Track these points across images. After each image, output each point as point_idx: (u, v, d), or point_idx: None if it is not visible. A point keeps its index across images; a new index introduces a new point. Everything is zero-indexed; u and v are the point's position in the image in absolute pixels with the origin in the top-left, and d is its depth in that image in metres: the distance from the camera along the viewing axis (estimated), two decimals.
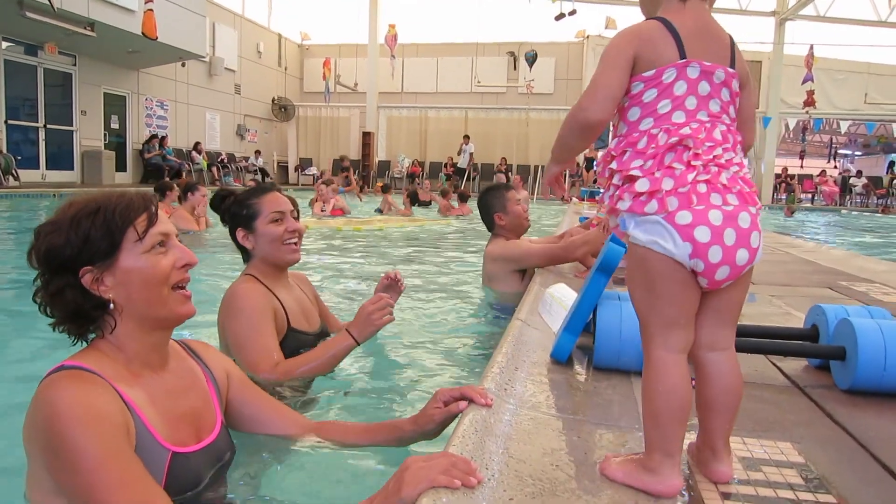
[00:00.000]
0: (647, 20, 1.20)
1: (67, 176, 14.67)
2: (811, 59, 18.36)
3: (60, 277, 1.21)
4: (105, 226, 1.21)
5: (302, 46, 24.85)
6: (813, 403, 1.76)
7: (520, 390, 1.70)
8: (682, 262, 1.13)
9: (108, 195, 1.26)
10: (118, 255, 1.22)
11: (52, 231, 1.21)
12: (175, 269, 1.27)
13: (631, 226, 1.17)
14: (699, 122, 1.15)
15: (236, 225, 2.29)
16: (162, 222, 1.27)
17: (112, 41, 13.53)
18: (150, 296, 1.24)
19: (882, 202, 20.30)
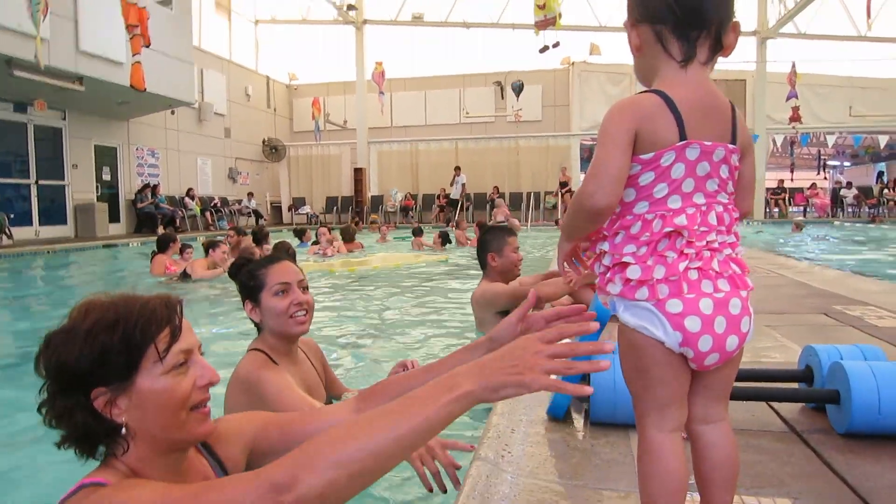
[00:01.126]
0: (646, 93, 1.14)
1: (61, 231, 14.68)
2: (794, 77, 18.60)
3: (69, 396, 1.08)
4: (124, 342, 1.08)
5: (290, 87, 25.11)
6: (810, 451, 1.75)
7: (518, 455, 1.69)
8: (672, 348, 1.13)
9: (129, 303, 1.13)
10: (135, 375, 1.09)
11: (65, 342, 1.08)
12: (196, 389, 1.14)
13: (620, 309, 1.16)
14: (695, 207, 1.12)
15: (244, 297, 2.22)
16: (185, 336, 1.15)
17: (101, 94, 13.64)
18: (167, 420, 1.12)
19: (873, 212, 20.42)
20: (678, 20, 1.13)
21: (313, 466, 0.99)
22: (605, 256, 1.18)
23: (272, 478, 0.98)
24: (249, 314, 2.20)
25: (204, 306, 5.87)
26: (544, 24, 13.15)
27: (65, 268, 10.22)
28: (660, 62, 1.16)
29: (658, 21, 1.14)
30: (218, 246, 7.49)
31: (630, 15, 1.18)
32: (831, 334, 3.19)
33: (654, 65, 1.17)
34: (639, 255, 1.12)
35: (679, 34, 1.14)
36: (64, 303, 6.88)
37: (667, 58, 1.15)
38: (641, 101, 1.13)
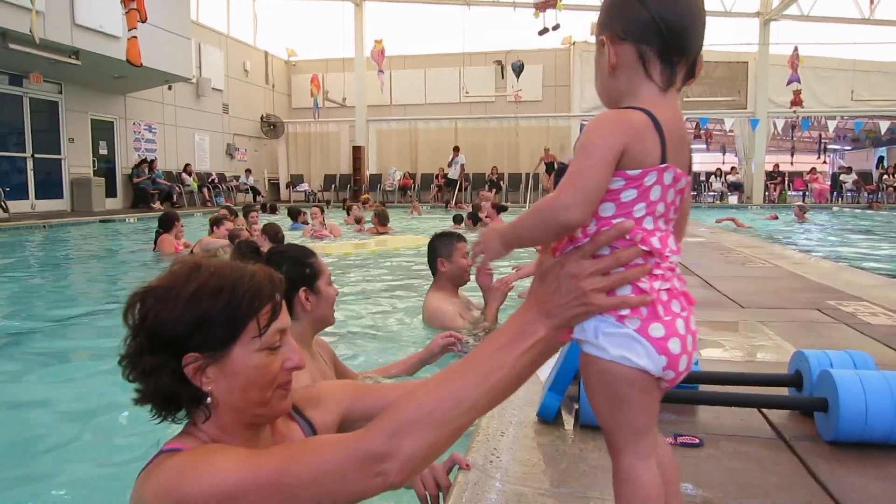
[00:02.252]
0: (634, 111, 1.09)
1: (57, 205, 14.65)
2: (796, 61, 18.46)
3: (159, 357, 1.05)
4: (227, 312, 1.05)
5: (289, 63, 24.90)
6: (797, 459, 1.77)
7: (506, 461, 1.70)
8: (653, 373, 1.11)
9: (236, 272, 1.09)
10: (232, 347, 1.07)
11: (165, 302, 1.05)
12: (283, 370, 1.13)
13: (596, 338, 1.09)
14: (662, 232, 1.11)
15: (299, 285, 2.14)
16: (283, 316, 1.13)
17: (97, 68, 13.53)
18: (253, 396, 1.10)
19: (872, 198, 20.41)
20: (665, 43, 1.09)
21: (411, 430, 0.97)
22: None
23: (368, 448, 0.96)
24: (302, 302, 2.15)
25: None
26: (544, 6, 13.01)
27: (63, 242, 10.21)
28: (637, 84, 1.11)
29: (644, 41, 1.09)
30: (223, 223, 7.50)
31: (607, 30, 1.11)
32: (823, 332, 3.20)
33: (630, 86, 1.12)
34: None
35: (664, 58, 1.10)
36: (63, 277, 6.90)
37: (647, 81, 1.11)
38: (632, 118, 1.08)
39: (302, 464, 0.98)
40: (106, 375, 3.30)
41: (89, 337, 4.33)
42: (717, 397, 1.93)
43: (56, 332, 4.46)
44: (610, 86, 1.14)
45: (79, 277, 6.98)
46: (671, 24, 1.08)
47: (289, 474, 0.97)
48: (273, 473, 0.98)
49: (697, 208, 19.73)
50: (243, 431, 1.13)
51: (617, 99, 1.14)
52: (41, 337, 4.28)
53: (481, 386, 1.01)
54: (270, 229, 6.68)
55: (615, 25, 1.10)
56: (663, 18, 1.08)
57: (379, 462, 0.95)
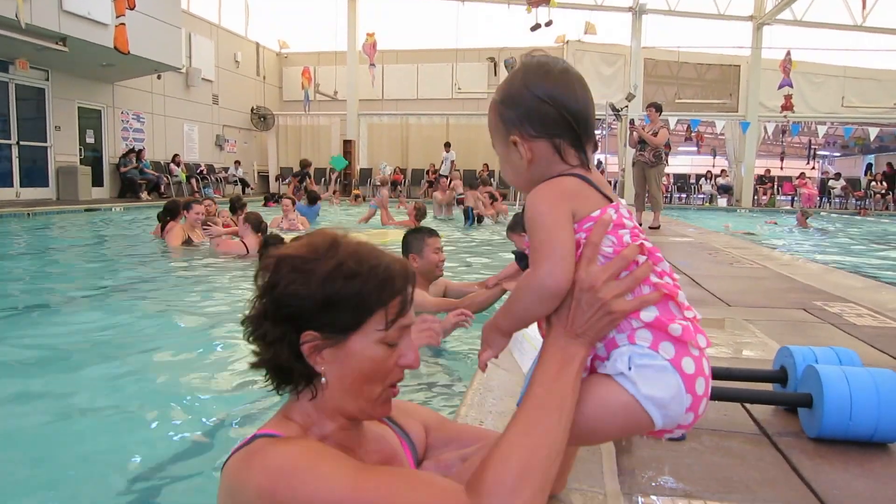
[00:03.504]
0: (567, 177, 1.13)
1: (42, 193, 14.46)
2: (788, 65, 18.53)
3: (281, 326, 1.04)
4: (358, 298, 1.04)
5: (280, 55, 24.73)
6: (780, 455, 1.73)
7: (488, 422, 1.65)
8: (673, 419, 1.08)
9: (373, 258, 1.09)
10: (354, 334, 1.06)
11: (299, 274, 1.04)
12: (396, 368, 1.11)
13: (630, 368, 1.07)
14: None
15: None
16: (411, 311, 1.12)
17: (85, 55, 13.35)
18: (362, 387, 1.08)
19: (860, 204, 20.54)
20: (575, 134, 1.14)
21: (516, 489, 0.96)
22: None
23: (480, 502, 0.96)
24: None
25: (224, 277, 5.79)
26: (537, 2, 12.96)
27: (47, 230, 10.07)
28: (556, 169, 1.15)
29: (556, 136, 1.14)
30: (192, 207, 7.35)
31: (517, 130, 1.14)
32: (809, 332, 3.18)
33: (549, 171, 1.15)
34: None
35: (577, 145, 1.15)
36: (52, 265, 6.78)
37: (564, 165, 1.15)
38: (562, 181, 1.13)
39: (406, 496, 0.97)
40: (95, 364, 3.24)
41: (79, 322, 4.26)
42: None
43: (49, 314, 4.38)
44: (527, 176, 1.18)
45: (68, 266, 6.87)
46: (577, 115, 1.14)
47: (390, 501, 0.95)
48: (374, 492, 0.96)
49: (686, 210, 19.80)
50: (342, 420, 1.12)
51: (538, 181, 1.16)
52: (32, 320, 4.20)
53: (559, 424, 1.03)
54: (254, 218, 6.59)
55: (525, 125, 1.14)
56: (570, 112, 1.13)
57: None
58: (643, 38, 19.96)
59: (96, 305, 4.65)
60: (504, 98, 1.17)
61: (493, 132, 1.21)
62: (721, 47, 21.03)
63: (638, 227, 1.15)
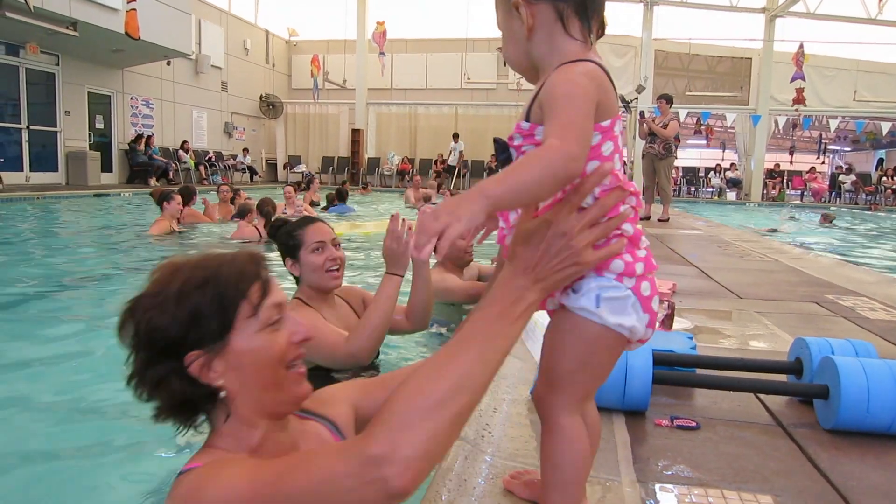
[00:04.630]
0: (593, 64, 1.06)
1: (52, 177, 14.51)
2: (800, 58, 18.37)
3: (163, 363, 1.02)
4: (216, 301, 1.03)
5: (290, 43, 24.68)
6: (795, 446, 1.73)
7: (498, 436, 1.66)
8: (636, 334, 1.09)
9: (216, 261, 1.08)
10: (230, 335, 1.04)
11: (154, 306, 1.02)
12: (291, 345, 1.10)
13: (598, 305, 1.07)
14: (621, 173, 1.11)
15: (285, 255, 2.49)
16: (275, 291, 1.10)
17: (95, 40, 13.36)
18: (266, 379, 1.07)
19: (871, 199, 20.40)
20: (586, 7, 1.08)
21: (408, 423, 0.89)
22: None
23: (366, 450, 0.88)
24: (290, 269, 2.48)
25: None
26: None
27: (57, 215, 10.11)
28: (559, 42, 1.09)
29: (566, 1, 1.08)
30: (171, 198, 7.23)
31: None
32: (822, 325, 3.17)
33: (551, 46, 1.09)
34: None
35: (581, 14, 1.08)
36: (60, 250, 6.81)
37: (568, 38, 1.08)
38: (597, 72, 1.05)
39: (301, 472, 0.93)
40: (98, 349, 3.26)
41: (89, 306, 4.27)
42: (717, 381, 1.89)
43: (55, 298, 4.40)
44: (528, 49, 1.12)
45: (72, 248, 6.89)
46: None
47: (286, 484, 0.92)
48: (271, 483, 0.93)
49: (695, 203, 19.71)
50: (266, 422, 1.10)
51: (538, 61, 1.12)
52: (39, 305, 4.22)
53: (479, 362, 0.95)
54: (262, 205, 6.62)
55: None
56: None
57: (375, 467, 0.86)
58: (654, 30, 19.83)
59: (102, 292, 4.66)
60: None
61: (496, 4, 1.15)
62: (733, 39, 20.87)
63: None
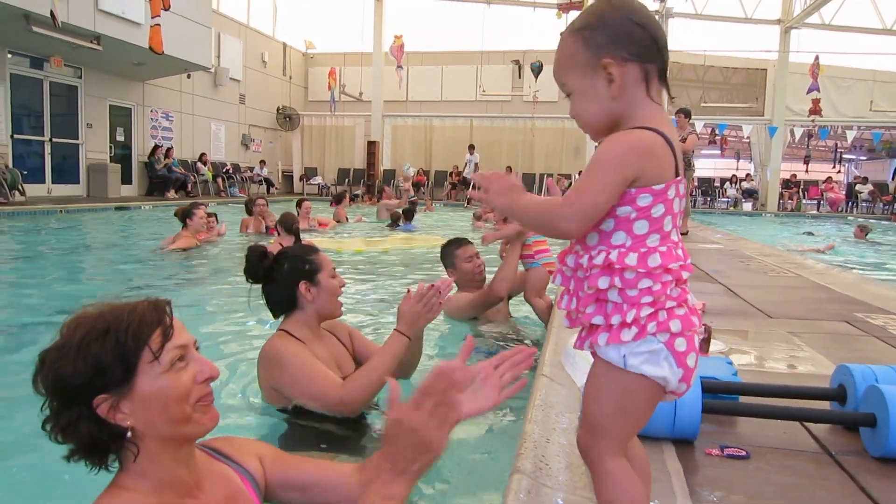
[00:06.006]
0: (648, 132, 1.11)
1: (73, 189, 14.71)
2: (816, 69, 18.33)
3: (71, 409, 1.09)
4: (117, 349, 1.09)
5: (307, 55, 24.91)
6: (845, 474, 1.75)
7: (556, 468, 1.69)
8: (669, 386, 1.15)
9: (117, 312, 1.14)
10: (134, 379, 1.11)
11: (59, 358, 1.09)
12: (196, 385, 1.16)
13: (621, 354, 1.13)
14: (675, 243, 1.16)
15: (299, 279, 2.37)
16: (178, 334, 1.16)
17: (118, 54, 13.58)
18: (173, 416, 1.13)
19: (889, 208, 20.24)
20: (663, 61, 1.13)
21: None
22: (614, 291, 1.13)
23: None
24: (304, 294, 2.38)
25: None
26: (568, 7, 12.96)
27: (80, 228, 10.24)
28: (640, 104, 1.13)
29: (648, 60, 1.12)
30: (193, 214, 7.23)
31: (609, 52, 1.11)
32: (856, 346, 3.18)
33: (631, 108, 1.13)
34: (655, 291, 1.11)
35: (662, 77, 1.14)
36: (83, 263, 6.92)
37: (648, 100, 1.13)
38: (648, 139, 1.11)
39: None
40: None
41: None
42: (766, 410, 1.92)
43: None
44: (610, 110, 1.15)
45: (95, 260, 7.00)
46: (662, 42, 1.13)
47: None
48: None
49: (710, 214, 19.64)
50: (173, 456, 1.17)
51: (616, 121, 1.16)
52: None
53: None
54: (286, 220, 6.54)
55: (619, 47, 1.11)
56: (658, 37, 1.13)
57: None
58: (669, 42, 19.81)
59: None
60: (590, 23, 1.14)
61: (571, 65, 1.16)
62: (748, 51, 20.85)
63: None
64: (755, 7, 19.60)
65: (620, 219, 1.12)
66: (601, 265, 1.12)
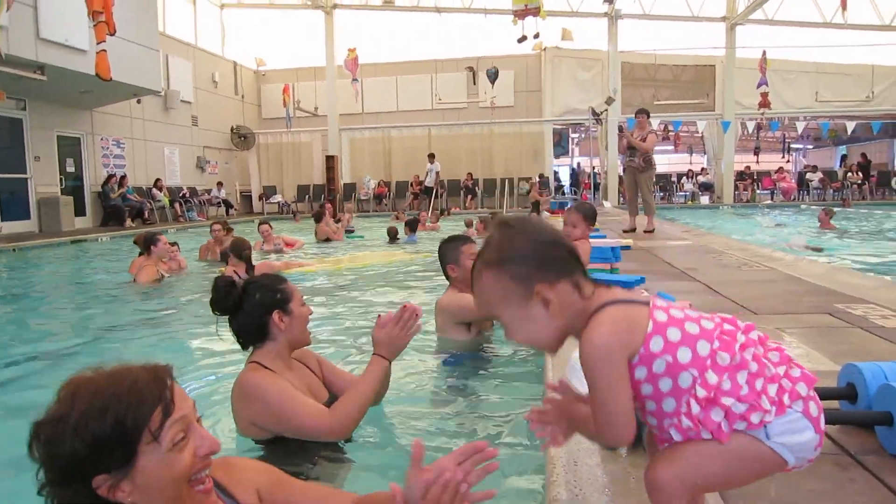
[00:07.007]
0: (606, 313, 1.16)
1: (24, 226, 14.19)
2: (764, 64, 18.87)
3: (70, 487, 1.05)
4: (116, 431, 1.04)
5: (258, 73, 24.62)
6: (870, 475, 1.75)
7: (590, 494, 1.65)
8: (803, 458, 1.16)
9: (117, 385, 1.08)
10: (135, 460, 1.07)
11: (54, 435, 1.04)
12: (196, 459, 1.13)
13: (770, 431, 1.13)
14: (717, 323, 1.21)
15: (272, 308, 2.32)
16: (179, 407, 1.11)
17: (63, 83, 13.18)
18: (170, 497, 1.10)
19: (838, 195, 20.92)
20: (581, 266, 1.20)
21: None
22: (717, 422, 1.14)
23: None
24: (277, 323, 2.32)
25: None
26: (524, 14, 13.07)
27: (36, 266, 9.86)
28: (577, 305, 1.18)
29: (572, 272, 1.18)
30: (157, 241, 7.07)
31: (538, 282, 1.15)
32: (844, 338, 3.22)
33: (575, 314, 1.18)
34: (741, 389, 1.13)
35: (586, 274, 1.20)
36: (44, 304, 6.64)
37: (581, 300, 1.18)
38: (616, 323, 1.14)
39: None
40: None
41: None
42: None
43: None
44: (557, 327, 1.19)
45: (56, 302, 6.73)
46: (573, 249, 1.21)
47: None
48: None
49: (669, 209, 20.01)
50: None
51: (566, 332, 1.20)
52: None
53: None
54: (237, 246, 6.32)
55: (544, 274, 1.16)
56: (571, 247, 1.20)
57: None
58: (619, 43, 20.22)
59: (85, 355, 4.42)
60: (508, 256, 1.17)
61: (500, 299, 1.18)
62: (695, 48, 21.37)
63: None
64: (701, 5, 20.11)
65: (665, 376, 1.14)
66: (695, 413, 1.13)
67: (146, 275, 6.82)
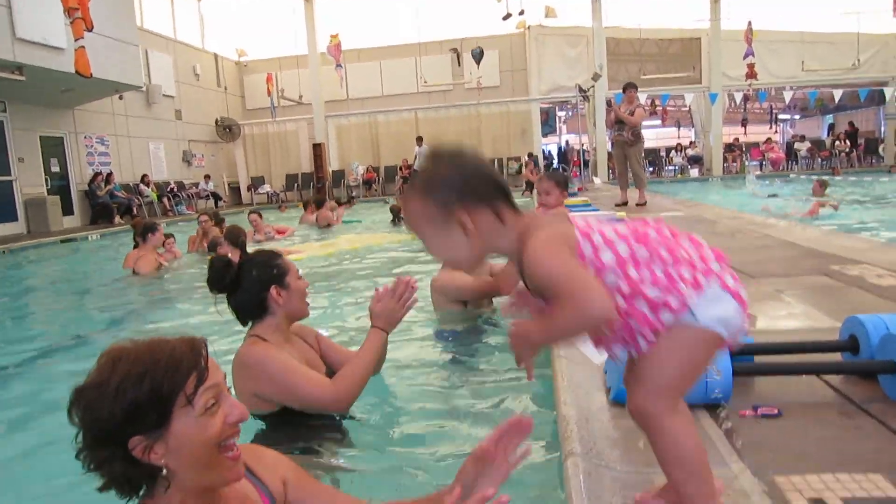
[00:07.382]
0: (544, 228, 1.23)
1: (12, 228, 14.04)
2: (750, 35, 18.84)
3: (106, 448, 1.11)
4: (153, 394, 1.10)
5: (240, 63, 24.37)
6: (877, 422, 1.78)
7: (604, 447, 1.67)
8: (737, 327, 1.22)
9: (155, 353, 1.14)
10: (169, 423, 1.12)
11: (94, 399, 1.10)
12: (226, 426, 1.18)
13: (696, 312, 1.19)
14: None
15: (269, 284, 2.35)
16: (212, 375, 1.17)
17: (43, 82, 12.98)
18: (201, 460, 1.16)
19: (826, 164, 21.02)
20: (506, 194, 1.26)
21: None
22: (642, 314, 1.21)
23: None
24: (275, 298, 2.35)
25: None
26: None
27: (28, 268, 9.79)
28: (498, 231, 1.24)
29: (493, 198, 1.24)
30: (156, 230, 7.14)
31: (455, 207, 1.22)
32: (841, 297, 3.26)
33: (494, 238, 1.25)
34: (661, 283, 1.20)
35: (510, 203, 1.26)
36: (41, 303, 6.60)
37: (502, 225, 1.24)
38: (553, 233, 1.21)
39: None
40: None
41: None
42: (794, 367, 1.93)
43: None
44: (473, 248, 1.25)
45: (50, 303, 6.69)
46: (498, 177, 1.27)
47: None
48: None
49: (659, 183, 20.04)
50: (199, 498, 1.20)
51: (483, 253, 1.28)
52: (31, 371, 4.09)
53: None
54: (232, 233, 6.35)
55: (463, 197, 1.22)
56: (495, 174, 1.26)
57: None
58: (604, 18, 20.13)
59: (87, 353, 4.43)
60: (433, 184, 1.24)
61: (425, 222, 1.25)
62: (681, 21, 21.31)
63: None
64: None
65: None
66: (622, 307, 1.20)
67: (146, 265, 6.78)
